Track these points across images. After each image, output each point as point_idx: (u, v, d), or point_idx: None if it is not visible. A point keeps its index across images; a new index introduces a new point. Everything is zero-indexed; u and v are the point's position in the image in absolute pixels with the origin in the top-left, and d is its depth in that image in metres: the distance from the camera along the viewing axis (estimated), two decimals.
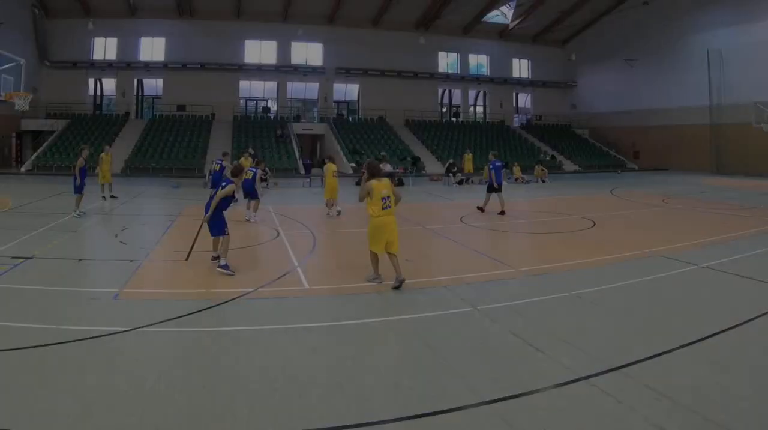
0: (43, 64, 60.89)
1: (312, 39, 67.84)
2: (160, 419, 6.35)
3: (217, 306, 10.69)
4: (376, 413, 6.58)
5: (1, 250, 15.22)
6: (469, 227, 21.55)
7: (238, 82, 68.15)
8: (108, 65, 64.29)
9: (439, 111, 75.54)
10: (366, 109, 70.40)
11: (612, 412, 6.61)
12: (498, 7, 65.64)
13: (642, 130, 66.72)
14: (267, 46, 68.01)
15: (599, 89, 73.75)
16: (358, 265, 14.45)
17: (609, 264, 14.77)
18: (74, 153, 49.94)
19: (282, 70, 67.95)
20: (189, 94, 64.15)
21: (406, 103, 70.10)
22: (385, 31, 68.41)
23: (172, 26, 64.42)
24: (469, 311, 10.48)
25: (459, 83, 75.38)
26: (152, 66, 65.15)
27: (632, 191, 36.06)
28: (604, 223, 22.00)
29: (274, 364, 8.02)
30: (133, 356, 8.16)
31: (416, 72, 70.73)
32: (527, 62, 77.44)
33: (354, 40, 67.56)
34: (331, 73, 68.77)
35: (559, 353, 8.35)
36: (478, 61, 76.14)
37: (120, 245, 17.30)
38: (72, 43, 61.85)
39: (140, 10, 62.78)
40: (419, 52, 68.81)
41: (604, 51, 71.05)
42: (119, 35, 64.05)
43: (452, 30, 70.77)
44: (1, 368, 7.60)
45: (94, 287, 12.08)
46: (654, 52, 63.77)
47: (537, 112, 78.51)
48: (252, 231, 20.00)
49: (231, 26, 65.19)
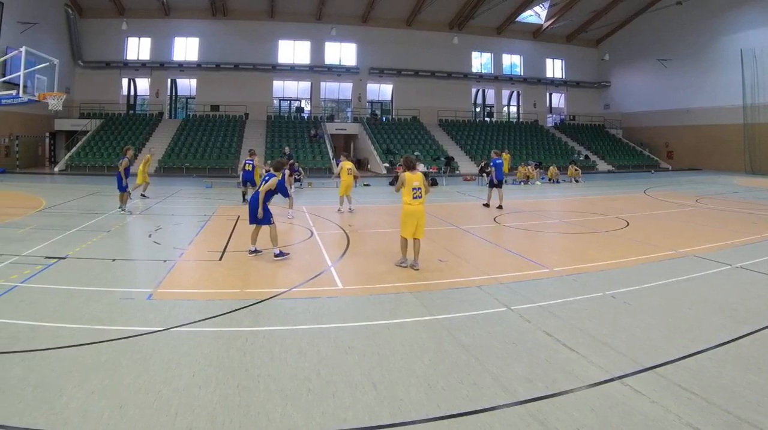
0: (76, 64, 61.59)
1: (345, 39, 67.88)
2: (193, 419, 6.40)
3: (251, 306, 10.73)
4: (409, 413, 6.60)
5: (34, 250, 15.37)
6: (503, 227, 21.52)
7: (271, 82, 68.15)
8: (141, 65, 64.71)
9: (472, 111, 75.17)
10: (399, 109, 70.26)
11: (646, 412, 6.58)
12: (532, 7, 65.50)
13: (675, 130, 66.31)
14: (300, 46, 68.04)
15: (632, 89, 73.30)
16: (393, 265, 14.50)
17: (643, 264, 14.69)
18: (107, 153, 50.57)
19: (315, 70, 68.02)
20: (222, 94, 64.62)
21: (440, 103, 70.09)
22: (418, 31, 68.41)
23: (205, 26, 64.79)
24: (503, 310, 10.48)
25: (492, 83, 75.06)
26: (186, 66, 65.53)
27: (665, 191, 35.88)
28: (638, 223, 21.86)
29: (308, 364, 8.02)
30: (167, 356, 8.19)
31: (450, 72, 70.58)
32: (561, 62, 77.06)
33: (387, 40, 67.65)
34: (365, 72, 68.84)
35: (592, 353, 8.34)
36: (512, 61, 75.76)
37: (154, 244, 17.36)
38: (105, 43, 62.43)
39: (174, 10, 63.29)
40: (453, 52, 68.79)
41: (637, 51, 70.61)
42: (153, 35, 64.52)
43: (486, 30, 70.64)
44: (36, 368, 7.66)
45: (128, 287, 12.11)
46: (687, 51, 63.33)
47: (570, 112, 78.13)
48: (286, 231, 20.03)
49: (265, 26, 65.52)
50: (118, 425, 6.21)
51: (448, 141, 63.26)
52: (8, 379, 7.28)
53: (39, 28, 50.55)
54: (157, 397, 6.89)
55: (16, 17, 47.71)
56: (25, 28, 48.08)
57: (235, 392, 7.08)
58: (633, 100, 72.98)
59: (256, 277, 13.40)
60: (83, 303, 10.69)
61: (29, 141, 53.53)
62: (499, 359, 8.16)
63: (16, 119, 49.72)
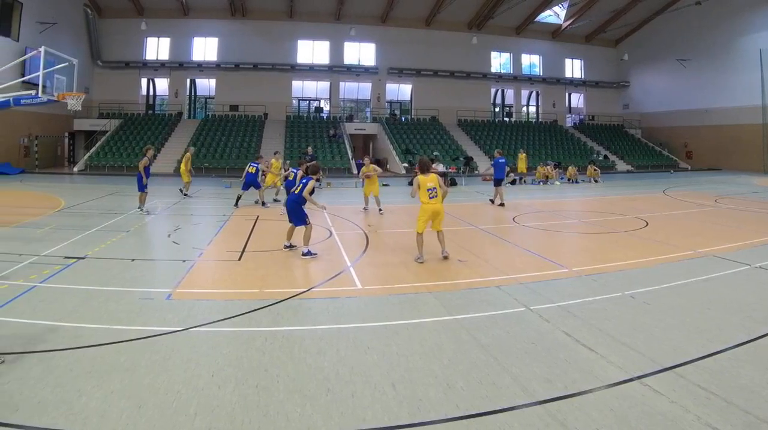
0: (95, 64, 61.95)
1: (365, 39, 67.86)
2: (212, 419, 6.43)
3: (270, 306, 10.75)
4: (428, 413, 6.61)
5: (53, 250, 15.45)
6: (522, 227, 21.49)
7: (290, 82, 68.20)
8: (161, 65, 64.99)
9: (491, 111, 75.00)
10: (418, 109, 70.12)
11: (665, 412, 6.57)
12: (551, 7, 65.35)
13: (694, 130, 65.90)
14: (320, 46, 68.08)
15: (651, 89, 72.93)
16: (412, 265, 14.52)
17: (662, 264, 14.64)
18: (127, 153, 50.75)
19: (335, 70, 68.03)
20: (241, 94, 64.75)
21: (459, 103, 70.01)
22: (437, 31, 68.34)
23: (224, 26, 64.96)
24: (522, 310, 10.47)
25: (512, 83, 74.84)
26: (205, 66, 65.72)
27: (685, 191, 35.67)
28: (657, 223, 21.78)
29: (327, 364, 8.04)
30: (186, 356, 8.22)
31: (469, 72, 70.45)
32: (580, 62, 76.78)
33: (407, 40, 67.58)
34: (384, 72, 68.82)
35: (611, 353, 8.33)
36: (531, 61, 75.58)
37: (173, 244, 17.43)
38: (125, 43, 62.77)
39: (193, 10, 63.54)
40: (472, 52, 68.63)
41: (656, 51, 70.23)
42: (172, 35, 64.77)
43: (505, 30, 70.46)
44: (55, 368, 7.69)
45: (147, 287, 12.15)
46: (706, 52, 62.97)
47: (590, 112, 77.81)
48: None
49: (284, 26, 65.58)
50: (137, 426, 6.25)
51: (467, 141, 63.11)
52: (27, 379, 7.32)
53: (58, 28, 50.91)
54: (176, 397, 6.93)
55: (35, 17, 48.02)
56: (44, 28, 48.41)
57: (254, 392, 7.11)
58: (652, 100, 72.61)
59: (275, 277, 13.40)
60: (102, 303, 10.75)
61: (48, 141, 53.73)
62: (518, 359, 8.16)
63: (35, 119, 49.93)
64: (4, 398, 6.75)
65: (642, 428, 6.25)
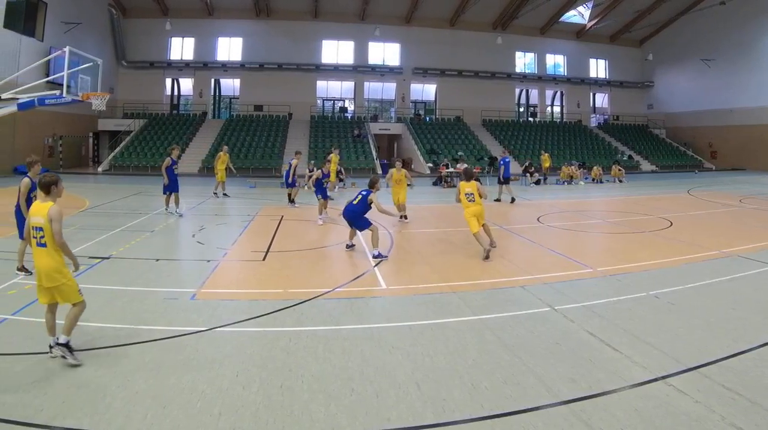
0: (120, 64, 62.35)
1: (389, 39, 67.70)
2: (237, 419, 6.45)
3: (295, 306, 10.76)
4: (453, 413, 6.62)
5: (78, 250, 15.22)
6: (546, 227, 21.45)
7: (315, 82, 68.28)
8: (185, 65, 65.32)
9: (516, 111, 74.87)
10: (443, 109, 70.02)
11: (689, 412, 6.55)
12: (575, 7, 65.12)
13: (719, 130, 65.52)
14: (344, 46, 68.21)
15: (676, 89, 72.49)
16: (436, 264, 14.55)
17: (686, 264, 14.58)
18: (151, 153, 50.95)
19: (359, 70, 68.05)
20: (266, 94, 64.84)
21: (484, 103, 69.68)
22: (462, 31, 68.19)
23: (249, 26, 65.12)
24: (546, 310, 10.46)
25: (536, 83, 74.60)
26: (229, 66, 65.90)
27: (709, 191, 35.45)
28: (682, 223, 21.65)
29: (352, 364, 8.05)
30: (210, 356, 8.25)
31: (493, 72, 70.19)
32: (604, 62, 76.34)
33: (431, 40, 67.45)
34: (409, 72, 68.73)
35: (636, 353, 8.31)
36: (555, 61, 75.27)
37: (197, 244, 17.48)
38: (149, 43, 63.13)
39: (218, 10, 63.73)
40: (496, 52, 68.32)
41: (680, 51, 69.76)
42: (197, 35, 65.06)
43: (529, 30, 70.17)
44: (79, 368, 7.72)
45: (171, 287, 12.20)
46: (731, 51, 62.58)
47: (614, 112, 77.32)
48: (330, 231, 20.08)
49: (308, 26, 65.63)
50: (161, 426, 6.28)
51: (491, 141, 62.76)
52: (52, 379, 7.37)
53: (82, 28, 51.12)
54: (200, 397, 6.96)
55: (59, 17, 48.06)
56: (68, 28, 48.60)
57: (279, 392, 7.13)
58: (676, 100, 72.17)
59: (299, 277, 13.43)
60: (127, 303, 10.82)
61: (73, 141, 54.02)
62: (543, 359, 8.15)
63: (60, 119, 50.24)
64: (29, 398, 6.80)
65: (666, 428, 6.23)
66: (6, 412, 6.45)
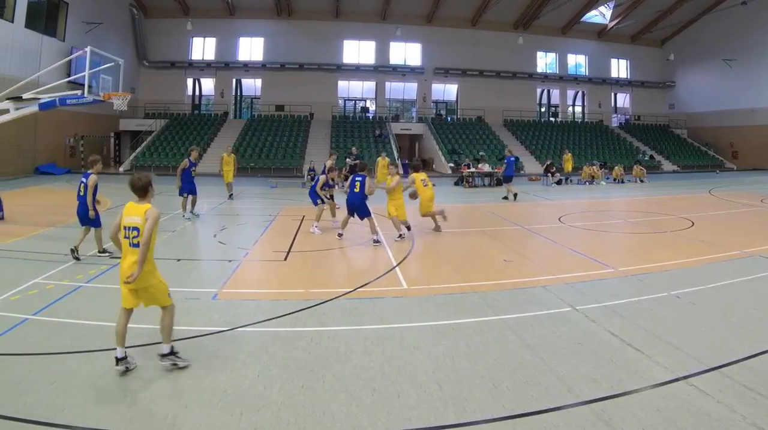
0: (141, 64, 62.92)
1: (410, 39, 67.75)
2: (258, 419, 6.45)
3: (316, 306, 10.74)
4: (474, 413, 6.59)
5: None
6: (568, 227, 21.34)
7: (336, 82, 68.47)
8: (206, 65, 65.70)
9: (537, 111, 74.74)
10: (464, 109, 69.98)
11: (710, 412, 6.50)
12: (596, 7, 64.92)
13: (740, 130, 65.09)
14: (365, 46, 68.34)
15: (697, 89, 72.06)
16: (457, 265, 14.51)
17: (708, 264, 14.47)
18: (172, 153, 51.19)
19: (380, 70, 68.18)
20: (287, 94, 65.01)
21: (505, 103, 69.54)
22: (483, 31, 68.07)
23: (270, 26, 65.38)
24: (567, 310, 10.42)
25: (557, 83, 74.45)
26: (251, 66, 66.22)
27: (730, 191, 35.21)
28: (703, 223, 21.48)
29: (373, 364, 8.04)
30: (232, 356, 8.24)
31: (515, 72, 70.08)
32: (626, 62, 76.00)
33: (452, 40, 67.41)
34: (430, 72, 68.76)
35: (657, 353, 8.26)
36: (577, 61, 75.08)
37: (218, 244, 17.50)
38: (170, 43, 63.63)
39: (239, 10, 63.97)
40: (517, 52, 68.17)
41: (702, 51, 69.32)
42: (218, 35, 65.40)
43: (550, 30, 70.03)
44: (101, 368, 7.74)
45: (193, 287, 12.18)
46: (752, 51, 62.14)
47: (635, 112, 76.97)
48: (350, 231, 20.09)
49: (329, 26, 65.75)
50: (183, 426, 6.29)
51: (513, 141, 62.48)
52: (73, 379, 7.39)
53: (104, 28, 51.54)
54: (221, 397, 6.96)
55: (80, 17, 48.72)
56: (89, 28, 49.03)
57: (300, 392, 7.11)
58: (698, 100, 71.72)
59: (320, 277, 13.44)
60: None
61: (94, 141, 54.13)
62: (564, 359, 8.12)
63: (81, 119, 50.63)
64: (52, 398, 6.82)
65: (688, 428, 6.19)
66: (28, 412, 6.47)
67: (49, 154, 46.66)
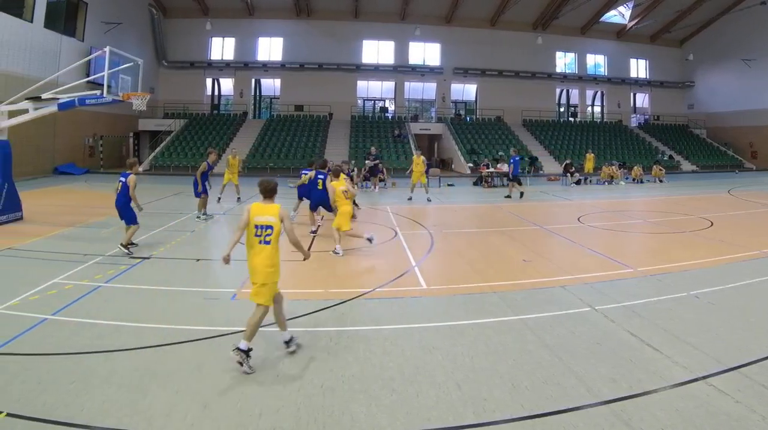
0: (160, 64, 62.92)
1: (429, 39, 67.45)
2: (277, 419, 6.49)
3: (335, 306, 10.79)
4: (493, 413, 6.62)
5: (118, 250, 15.50)
6: (587, 227, 21.29)
7: (355, 82, 68.27)
8: (225, 65, 65.63)
9: (556, 111, 74.37)
10: (483, 109, 69.68)
11: (730, 412, 6.51)
12: (616, 7, 64.66)
13: (760, 129, 64.52)
14: (384, 46, 68.05)
15: (716, 89, 71.47)
16: (477, 265, 14.50)
17: (727, 264, 14.44)
18: (191, 153, 51.08)
19: (399, 70, 67.86)
20: (306, 94, 64.86)
21: (524, 103, 69.16)
22: (502, 31, 67.70)
23: (289, 26, 65.25)
24: (586, 310, 10.42)
25: (576, 83, 73.99)
26: (270, 66, 66.12)
27: (750, 191, 35.04)
28: (722, 223, 21.39)
29: (392, 364, 8.06)
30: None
31: (534, 72, 69.75)
32: (645, 62, 75.46)
33: (471, 40, 67.10)
34: (449, 72, 68.46)
35: (676, 353, 8.26)
36: (596, 61, 74.57)
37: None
38: (190, 43, 63.60)
39: (258, 10, 63.87)
40: (537, 52, 67.85)
41: (721, 51, 68.75)
42: (237, 35, 65.35)
43: (569, 30, 69.63)
44: (120, 367, 7.79)
45: (212, 287, 12.29)
46: None
47: (654, 112, 76.43)
48: (370, 231, 20.07)
49: (349, 26, 65.63)
50: (202, 425, 6.34)
51: (532, 141, 62.39)
52: (93, 379, 7.44)
53: (123, 28, 51.62)
54: (241, 397, 7.00)
55: (99, 17, 48.78)
56: (108, 28, 49.14)
57: (320, 392, 7.15)
58: (717, 100, 71.15)
59: (339, 277, 13.50)
60: (167, 303, 10.92)
61: (113, 141, 54.37)
62: (583, 359, 8.13)
63: (101, 119, 50.68)
64: (71, 398, 6.88)
65: (707, 428, 6.19)
66: (47, 412, 6.53)
67: (68, 154, 46.79)
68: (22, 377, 7.40)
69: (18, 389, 7.07)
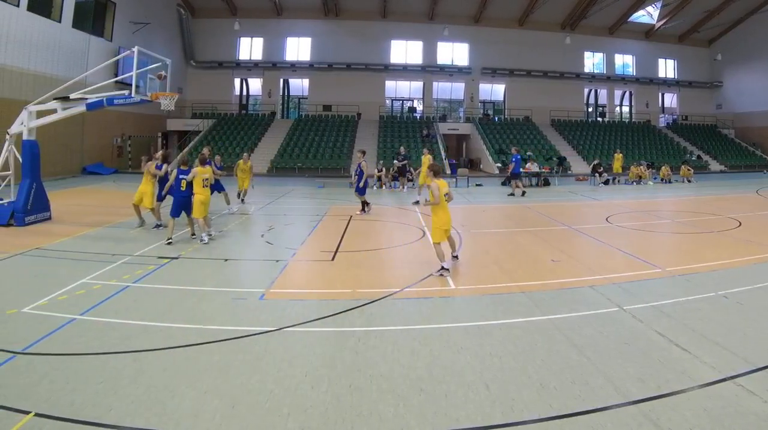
0: (189, 64, 63.32)
1: (458, 39, 67.24)
2: (306, 419, 6.50)
3: (363, 306, 10.79)
4: (521, 413, 6.61)
5: (146, 250, 15.75)
6: (615, 227, 21.15)
7: (383, 82, 68.16)
8: (254, 65, 65.82)
9: (585, 111, 73.94)
10: (512, 109, 69.45)
11: (758, 412, 6.47)
12: (644, 7, 64.29)
13: None
14: (413, 45, 67.92)
15: (745, 89, 70.65)
16: (505, 264, 14.48)
17: (755, 264, 14.30)
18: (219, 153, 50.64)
19: (428, 70, 67.73)
20: (335, 94, 64.94)
21: (552, 103, 68.85)
22: (530, 31, 67.38)
23: (318, 26, 65.30)
24: (615, 310, 10.37)
25: (605, 83, 73.48)
26: (298, 66, 66.18)
27: None
28: (750, 223, 21.19)
29: (421, 364, 8.06)
30: (279, 356, 8.29)
31: (562, 72, 69.41)
32: (673, 62, 74.83)
33: (500, 40, 66.80)
34: (477, 72, 68.24)
35: (704, 353, 8.21)
36: (624, 61, 74.01)
37: (266, 245, 17.58)
38: (218, 43, 63.81)
39: (286, 10, 64.04)
40: (565, 52, 67.56)
41: (750, 51, 67.98)
42: (265, 35, 65.57)
43: (597, 30, 69.17)
44: (148, 368, 7.85)
45: (240, 287, 12.35)
46: None
47: (683, 112, 75.72)
48: (398, 231, 20.11)
49: (377, 26, 65.56)
50: (230, 426, 6.36)
51: (560, 141, 62.21)
52: (121, 379, 7.49)
53: (151, 28, 51.87)
54: (269, 397, 7.02)
55: (128, 17, 49.16)
56: (137, 28, 49.52)
57: (348, 392, 7.16)
58: (746, 100, 70.33)
59: (368, 277, 13.49)
60: (195, 303, 10.95)
61: (141, 141, 54.30)
62: (612, 359, 8.10)
63: (129, 119, 51.03)
64: (99, 398, 6.94)
65: (735, 429, 6.16)
66: (75, 412, 6.59)
67: (96, 154, 47.15)
68: (50, 377, 7.47)
69: (46, 389, 7.14)
